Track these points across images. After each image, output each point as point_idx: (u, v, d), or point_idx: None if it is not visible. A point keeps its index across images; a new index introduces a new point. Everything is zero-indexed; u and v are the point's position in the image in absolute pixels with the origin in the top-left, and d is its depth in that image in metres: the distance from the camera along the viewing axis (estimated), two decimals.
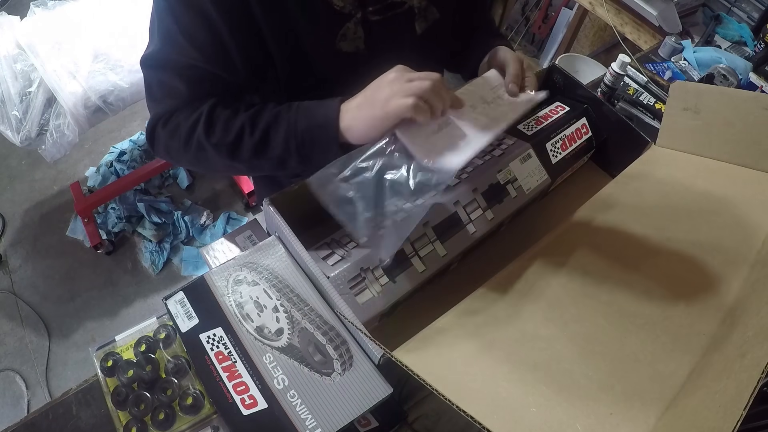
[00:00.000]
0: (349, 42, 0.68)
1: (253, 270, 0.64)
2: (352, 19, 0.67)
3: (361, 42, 0.69)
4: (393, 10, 0.70)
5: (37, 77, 1.48)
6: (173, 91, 0.63)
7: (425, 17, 0.74)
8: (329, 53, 0.68)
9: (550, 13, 2.47)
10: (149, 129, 0.66)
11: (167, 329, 0.63)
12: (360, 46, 0.69)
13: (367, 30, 0.69)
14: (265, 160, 0.64)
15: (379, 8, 0.68)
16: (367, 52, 0.70)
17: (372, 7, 0.68)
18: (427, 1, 0.73)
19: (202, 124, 0.62)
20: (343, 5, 0.65)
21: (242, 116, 0.63)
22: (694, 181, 0.76)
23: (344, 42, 0.68)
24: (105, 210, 1.98)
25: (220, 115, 0.63)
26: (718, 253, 0.66)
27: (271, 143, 0.62)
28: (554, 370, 0.55)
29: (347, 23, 0.67)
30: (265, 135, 0.62)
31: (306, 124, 0.61)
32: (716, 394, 0.46)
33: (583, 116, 0.86)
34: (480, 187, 0.72)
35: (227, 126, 0.62)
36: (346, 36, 0.68)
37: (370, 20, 0.68)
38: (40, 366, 1.66)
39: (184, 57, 0.62)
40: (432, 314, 0.59)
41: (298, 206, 0.66)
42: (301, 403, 0.54)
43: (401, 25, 0.72)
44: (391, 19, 0.70)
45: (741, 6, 1.45)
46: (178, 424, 0.57)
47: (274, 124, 0.62)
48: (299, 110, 0.62)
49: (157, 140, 0.66)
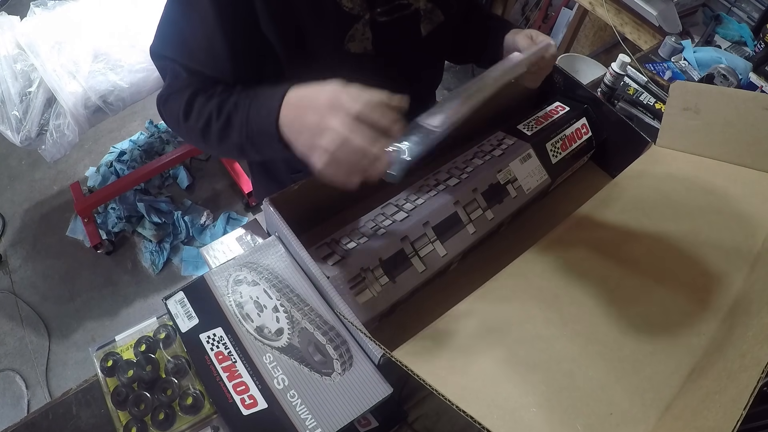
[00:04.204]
0: (358, 43, 0.69)
1: (253, 270, 0.64)
2: (360, 20, 0.67)
3: (369, 43, 0.69)
4: (400, 11, 0.70)
5: (37, 77, 1.48)
6: (175, 73, 0.65)
7: (430, 19, 0.74)
8: (337, 54, 0.69)
9: (550, 13, 2.47)
10: (157, 105, 0.69)
11: (167, 329, 0.63)
12: (368, 47, 0.70)
13: (375, 31, 0.69)
14: (230, 147, 0.63)
15: (387, 9, 0.69)
16: (374, 53, 0.71)
17: (380, 8, 0.68)
18: (433, 3, 0.73)
19: (182, 109, 0.63)
20: (352, 6, 0.65)
21: (214, 101, 0.62)
22: (694, 181, 0.76)
23: (352, 43, 0.68)
24: (105, 210, 1.98)
25: (198, 99, 0.63)
26: (718, 253, 0.66)
27: (231, 130, 0.61)
28: (554, 370, 0.55)
29: (356, 24, 0.67)
30: (228, 121, 0.61)
31: (253, 114, 0.59)
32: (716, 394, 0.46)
33: (583, 116, 0.86)
34: (480, 187, 0.72)
35: (200, 111, 0.62)
36: (354, 37, 0.68)
37: (378, 21, 0.69)
38: (40, 366, 1.66)
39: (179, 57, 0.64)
40: (432, 314, 0.59)
41: (298, 206, 0.66)
42: (301, 403, 0.54)
43: (407, 26, 0.73)
44: (398, 21, 0.71)
45: (741, 6, 1.45)
46: (178, 424, 0.57)
47: (234, 111, 0.61)
48: (253, 97, 0.60)
49: (162, 116, 0.69)
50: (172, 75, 0.66)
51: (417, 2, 0.71)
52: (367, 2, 0.66)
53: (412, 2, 0.71)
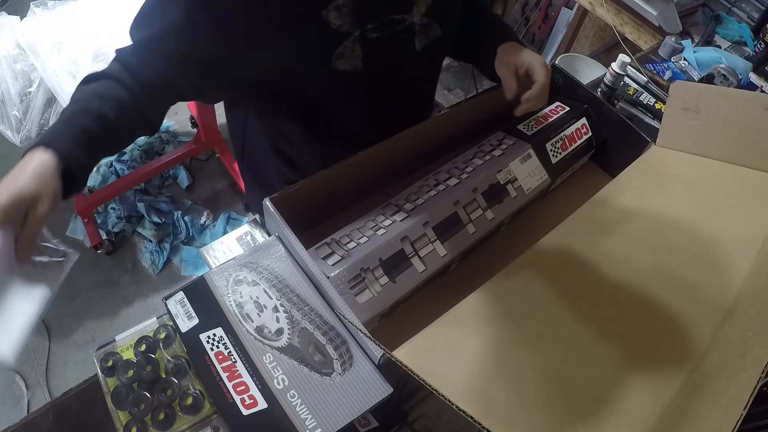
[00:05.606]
0: (347, 60, 0.67)
1: (253, 270, 0.64)
2: (349, 37, 0.65)
3: (359, 60, 0.67)
4: (392, 27, 0.68)
5: (37, 77, 1.48)
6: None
7: (426, 34, 0.72)
8: (324, 72, 0.67)
9: (550, 13, 2.47)
10: None
11: (167, 329, 0.63)
12: (357, 65, 0.68)
13: (366, 47, 0.67)
14: None
15: (379, 25, 0.66)
16: (364, 70, 0.69)
17: (371, 24, 0.66)
18: (430, 17, 0.71)
19: (88, 77, 0.62)
20: (341, 23, 0.63)
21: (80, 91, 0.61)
22: (694, 181, 0.76)
23: (341, 61, 0.66)
24: (105, 210, 1.98)
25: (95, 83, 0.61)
26: (717, 254, 0.66)
27: None
28: (554, 370, 0.55)
29: (345, 41, 0.65)
30: None
31: None
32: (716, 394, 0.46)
33: (583, 116, 0.86)
34: (480, 187, 0.72)
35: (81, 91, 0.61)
36: (343, 54, 0.66)
37: (369, 38, 0.66)
38: (40, 366, 1.66)
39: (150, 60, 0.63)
40: (432, 314, 0.59)
41: (298, 206, 0.66)
42: (301, 403, 0.54)
43: (400, 42, 0.71)
44: (390, 37, 0.68)
45: (741, 6, 1.45)
46: (178, 424, 0.57)
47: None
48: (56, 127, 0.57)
49: None
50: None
51: (412, 17, 0.69)
52: (357, 18, 0.64)
53: (406, 17, 0.68)
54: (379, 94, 0.75)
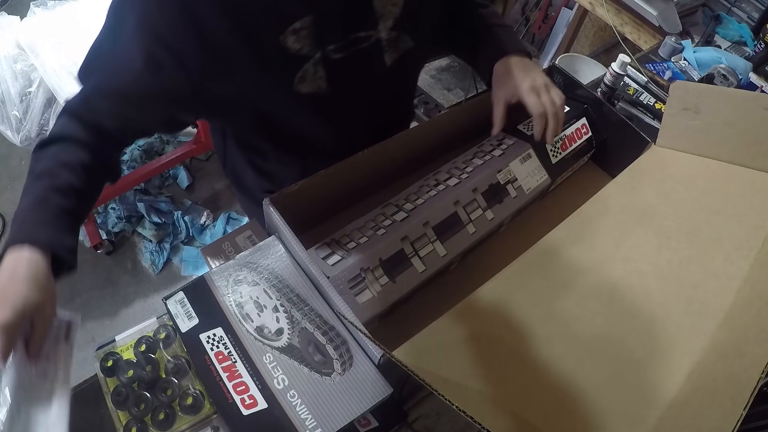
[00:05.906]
0: (309, 83, 0.65)
1: (253, 270, 0.64)
2: (310, 60, 0.63)
3: (322, 81, 0.65)
4: (357, 45, 0.65)
5: (37, 77, 1.48)
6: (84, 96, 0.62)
7: (396, 48, 0.70)
8: (287, 97, 0.65)
9: (550, 13, 2.47)
10: None
11: (167, 329, 0.63)
12: (321, 86, 0.66)
13: (329, 68, 0.65)
14: None
15: (341, 45, 0.64)
16: (329, 91, 0.66)
17: (333, 45, 0.63)
18: (399, 30, 0.68)
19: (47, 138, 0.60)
20: (300, 47, 0.61)
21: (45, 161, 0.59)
22: (694, 181, 0.76)
23: (303, 84, 0.64)
24: (105, 210, 1.98)
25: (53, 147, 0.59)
26: (717, 253, 0.66)
27: None
28: (554, 370, 0.55)
29: (305, 65, 0.63)
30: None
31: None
32: (716, 394, 0.46)
33: (583, 116, 0.86)
34: (480, 187, 0.72)
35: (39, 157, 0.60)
36: (305, 78, 0.64)
37: (332, 58, 0.64)
38: None
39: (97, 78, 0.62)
40: (432, 314, 0.59)
41: (298, 206, 0.66)
42: (301, 403, 0.54)
43: (368, 59, 0.68)
44: (356, 55, 0.66)
45: (741, 6, 1.44)
46: (178, 424, 0.57)
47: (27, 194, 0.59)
48: (17, 216, 0.57)
49: None
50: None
51: (378, 32, 0.66)
52: (317, 40, 0.62)
53: (372, 33, 0.66)
54: (348, 113, 0.74)
